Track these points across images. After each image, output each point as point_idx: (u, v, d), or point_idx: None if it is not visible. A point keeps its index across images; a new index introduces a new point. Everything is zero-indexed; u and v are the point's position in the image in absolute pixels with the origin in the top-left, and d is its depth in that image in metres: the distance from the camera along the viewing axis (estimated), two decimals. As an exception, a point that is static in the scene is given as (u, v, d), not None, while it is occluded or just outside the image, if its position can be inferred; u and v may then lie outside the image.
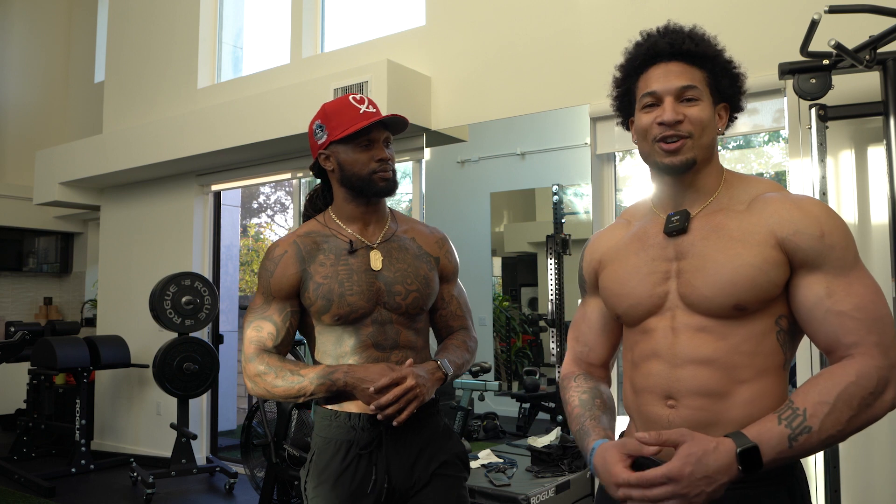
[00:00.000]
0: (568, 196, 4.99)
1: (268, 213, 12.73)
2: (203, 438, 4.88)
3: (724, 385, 1.09)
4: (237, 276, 5.80)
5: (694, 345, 1.11)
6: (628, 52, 1.24)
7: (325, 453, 1.51)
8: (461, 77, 3.66)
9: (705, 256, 1.11)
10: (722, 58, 1.19)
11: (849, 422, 1.00)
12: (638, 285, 1.17)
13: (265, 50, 5.15)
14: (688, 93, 1.14)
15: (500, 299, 5.43)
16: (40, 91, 6.98)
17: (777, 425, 1.01)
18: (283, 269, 1.52)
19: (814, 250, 1.06)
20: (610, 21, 3.17)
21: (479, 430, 4.18)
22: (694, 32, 1.20)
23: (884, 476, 2.43)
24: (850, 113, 2.40)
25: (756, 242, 1.09)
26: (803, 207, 1.09)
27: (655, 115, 1.14)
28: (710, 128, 1.15)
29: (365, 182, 1.52)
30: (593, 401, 1.26)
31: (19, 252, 6.79)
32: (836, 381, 1.01)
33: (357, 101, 1.54)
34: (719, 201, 1.16)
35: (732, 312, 1.09)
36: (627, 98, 1.23)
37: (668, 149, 1.13)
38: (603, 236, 1.32)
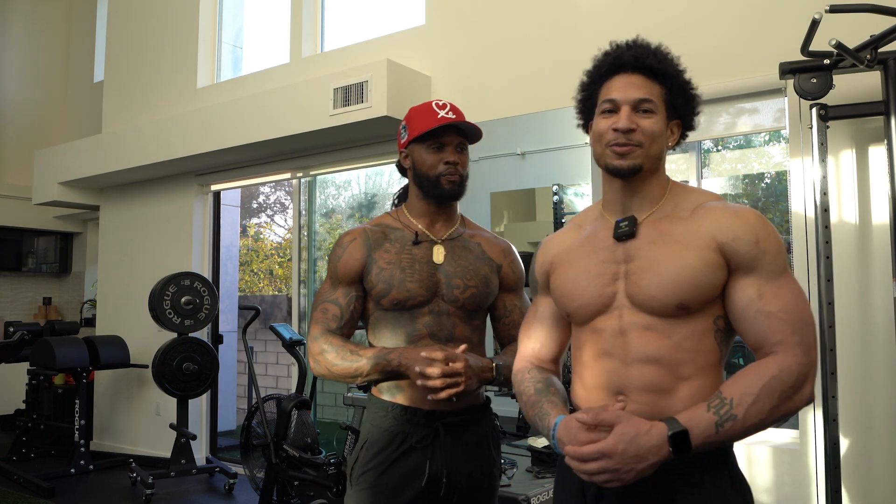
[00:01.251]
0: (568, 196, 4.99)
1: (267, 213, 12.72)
2: (203, 439, 4.87)
3: (669, 382, 1.18)
4: (237, 276, 5.79)
5: (642, 343, 1.20)
6: (596, 59, 1.31)
7: (378, 442, 1.55)
8: (461, 77, 3.65)
9: (652, 259, 1.20)
10: (681, 78, 1.28)
11: (770, 412, 1.10)
12: (588, 286, 1.26)
13: (265, 50, 5.15)
14: (644, 105, 1.22)
15: (499, 299, 5.42)
16: (40, 91, 6.97)
17: (706, 412, 1.10)
18: (351, 254, 1.60)
19: (749, 255, 1.17)
20: (610, 21, 3.17)
21: (478, 431, 4.17)
22: (658, 50, 1.27)
23: (884, 476, 2.43)
24: (850, 113, 2.40)
25: (698, 246, 1.18)
26: (741, 216, 1.19)
27: (612, 122, 1.23)
28: (659, 140, 1.24)
29: (432, 183, 1.60)
30: (548, 389, 1.33)
31: (18, 252, 6.79)
32: (761, 375, 1.11)
33: (439, 106, 1.61)
34: (664, 209, 1.26)
35: (676, 311, 1.18)
36: (590, 102, 1.31)
37: (618, 152, 1.22)
38: (555, 239, 1.41)
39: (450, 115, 1.60)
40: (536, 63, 3.37)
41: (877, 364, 2.46)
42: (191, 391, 4.38)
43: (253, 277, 10.94)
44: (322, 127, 3.75)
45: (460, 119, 1.61)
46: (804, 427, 2.58)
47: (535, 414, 1.29)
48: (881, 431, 2.44)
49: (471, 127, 1.62)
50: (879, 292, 2.46)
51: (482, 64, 3.57)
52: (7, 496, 4.10)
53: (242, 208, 6.03)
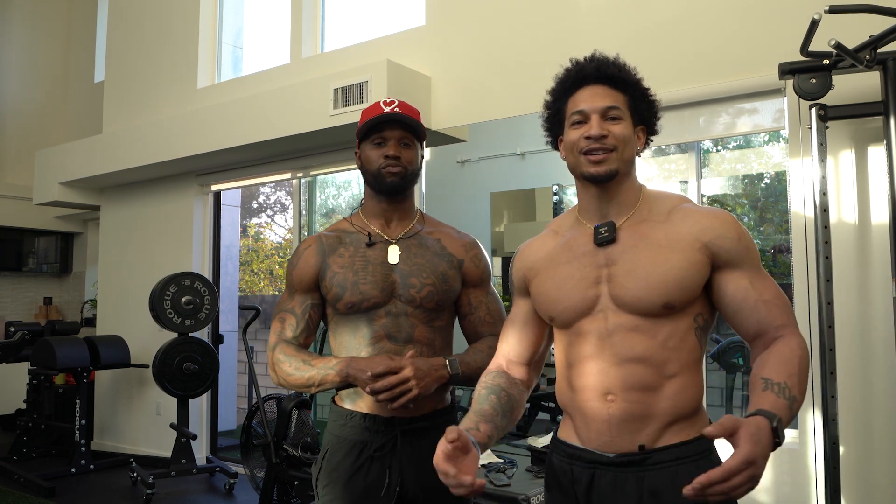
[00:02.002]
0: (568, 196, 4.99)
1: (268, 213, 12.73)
2: (203, 438, 4.88)
3: (655, 379, 1.23)
4: (237, 276, 5.80)
5: (629, 344, 1.24)
6: (558, 76, 1.37)
7: (338, 452, 1.53)
8: (461, 77, 3.66)
9: (635, 262, 1.25)
10: (641, 85, 1.33)
11: (804, 387, 1.16)
12: (571, 290, 1.29)
13: (265, 50, 5.15)
14: (612, 112, 1.28)
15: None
16: (40, 91, 6.97)
17: (777, 398, 1.12)
18: (305, 261, 1.60)
19: (735, 250, 1.24)
20: (610, 21, 3.17)
21: (479, 430, 4.17)
22: (617, 61, 1.33)
23: (883, 476, 2.44)
24: (850, 113, 2.40)
25: (682, 248, 1.24)
26: (719, 216, 1.27)
27: (583, 131, 1.27)
28: (630, 144, 1.29)
29: (375, 177, 1.58)
30: (488, 397, 1.36)
31: (19, 252, 6.79)
32: (791, 357, 1.17)
33: (385, 103, 1.59)
34: (640, 213, 1.31)
35: (661, 311, 1.23)
36: (557, 118, 1.36)
37: (593, 159, 1.26)
38: (532, 246, 1.44)
39: (396, 111, 1.58)
40: (536, 63, 3.38)
41: (876, 364, 2.46)
42: (191, 391, 4.39)
43: (253, 277, 10.95)
44: (322, 127, 3.75)
45: (408, 114, 1.59)
46: (804, 427, 2.59)
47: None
48: (880, 431, 2.44)
49: (414, 121, 1.59)
50: (879, 292, 2.46)
51: (482, 64, 3.57)
52: (8, 496, 4.11)
53: (243, 208, 6.04)
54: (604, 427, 1.25)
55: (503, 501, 2.49)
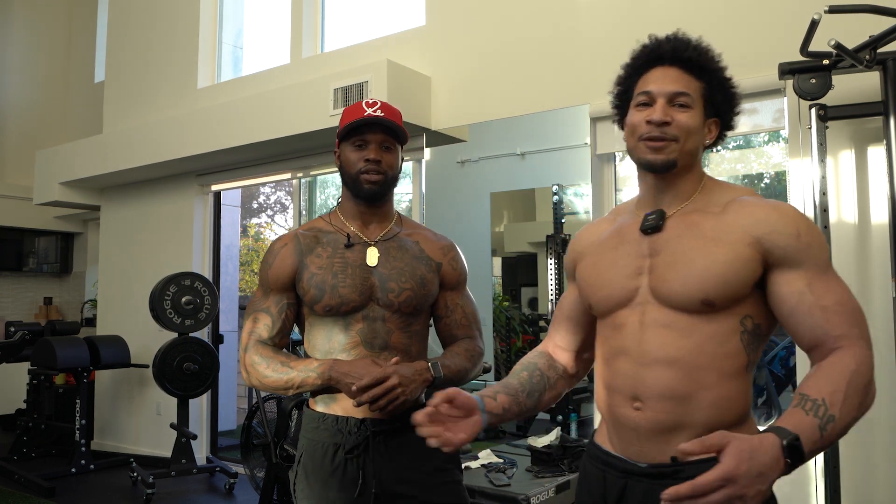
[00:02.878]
0: (568, 196, 5.00)
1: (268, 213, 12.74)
2: (203, 438, 4.88)
3: (687, 387, 1.13)
4: (237, 276, 5.80)
5: (660, 342, 1.15)
6: (634, 52, 1.27)
7: (314, 456, 1.52)
8: (461, 77, 3.66)
9: (678, 252, 1.16)
10: (721, 73, 1.23)
11: (858, 408, 1.05)
12: (612, 277, 1.23)
13: (265, 50, 5.15)
14: (680, 98, 1.18)
15: (500, 299, 5.43)
16: (40, 91, 6.98)
17: (806, 416, 1.01)
18: (281, 261, 1.56)
19: (791, 248, 1.11)
20: (610, 21, 3.17)
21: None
22: (698, 44, 1.23)
23: (884, 476, 2.44)
24: (850, 113, 2.40)
25: (729, 241, 1.13)
26: (779, 209, 1.15)
27: (646, 114, 1.19)
28: (695, 136, 1.20)
29: (353, 181, 1.56)
30: (520, 373, 1.33)
31: (19, 252, 6.79)
32: (842, 371, 1.06)
33: (368, 104, 1.55)
34: (695, 203, 1.22)
35: (700, 307, 1.13)
36: (626, 96, 1.27)
37: (651, 146, 1.18)
38: (587, 230, 1.39)
39: (378, 114, 1.54)
40: (536, 63, 3.38)
41: (877, 364, 2.45)
42: (191, 391, 4.39)
43: (253, 277, 10.95)
44: (322, 127, 3.75)
45: (389, 117, 1.55)
46: (803, 427, 2.58)
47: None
48: (881, 431, 2.44)
49: (396, 125, 1.56)
50: (879, 292, 2.46)
51: (482, 64, 3.57)
52: (8, 496, 4.11)
53: (243, 208, 6.04)
54: (632, 435, 1.18)
55: (503, 501, 2.49)
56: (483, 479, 2.70)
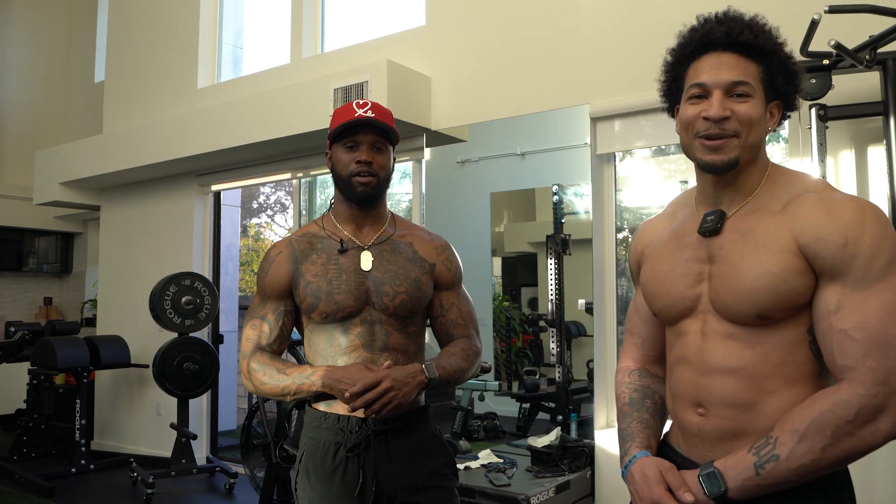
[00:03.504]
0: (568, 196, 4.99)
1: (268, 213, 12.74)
2: (203, 438, 4.88)
3: (751, 395, 1.06)
4: (237, 276, 5.80)
5: (721, 352, 1.09)
6: (682, 36, 1.15)
7: (315, 454, 1.53)
8: (461, 77, 3.66)
9: (731, 262, 1.08)
10: (781, 53, 1.11)
11: (823, 451, 0.97)
12: (672, 286, 1.16)
13: (265, 50, 5.15)
14: (739, 88, 1.07)
15: (500, 299, 5.43)
16: (40, 91, 6.97)
17: (746, 454, 1.02)
18: (277, 268, 1.56)
19: (834, 258, 1.00)
20: (610, 21, 3.17)
21: (479, 430, 4.18)
22: (754, 22, 1.11)
23: (884, 476, 2.43)
24: (850, 113, 2.40)
25: (779, 249, 1.04)
26: (833, 211, 1.02)
27: (701, 109, 1.08)
28: (758, 127, 1.08)
29: (345, 183, 1.55)
30: (643, 401, 1.24)
31: (19, 252, 6.79)
32: (812, 410, 0.99)
33: (359, 105, 1.55)
34: (757, 200, 1.11)
35: (756, 321, 1.06)
36: (675, 84, 1.16)
37: (710, 146, 1.08)
38: (648, 227, 1.30)
39: (368, 114, 1.53)
40: (536, 63, 3.38)
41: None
42: (191, 391, 4.39)
43: (253, 277, 10.93)
44: (322, 127, 3.75)
45: (380, 118, 1.54)
46: (803, 427, 2.58)
47: (622, 429, 1.22)
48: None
49: (387, 126, 1.55)
50: (878, 292, 2.46)
51: (482, 64, 3.57)
52: (8, 496, 4.11)
53: (243, 208, 6.05)
54: (697, 441, 1.14)
55: (503, 501, 2.50)
56: (483, 479, 2.70)
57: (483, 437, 4.18)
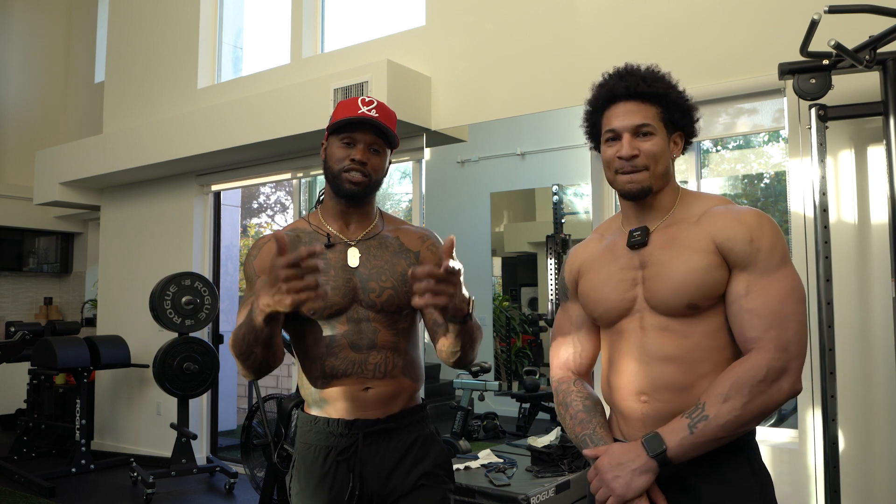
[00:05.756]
0: (568, 196, 5.00)
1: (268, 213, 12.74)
2: (203, 438, 4.88)
3: (688, 379, 1.26)
4: (237, 276, 5.80)
5: (660, 343, 1.29)
6: (593, 90, 1.39)
7: (306, 459, 1.49)
8: (461, 77, 3.66)
9: (663, 264, 1.29)
10: (674, 94, 1.34)
11: (743, 407, 1.18)
12: (611, 292, 1.35)
13: (265, 50, 5.15)
14: (643, 129, 1.30)
15: (500, 299, 5.43)
16: (40, 91, 6.98)
17: (681, 419, 1.22)
18: (266, 254, 1.50)
19: (744, 252, 1.24)
20: (609, 21, 3.17)
21: (479, 430, 4.18)
22: (648, 73, 1.34)
23: (883, 476, 2.44)
24: (849, 113, 2.40)
25: (701, 249, 1.26)
26: (738, 217, 1.27)
27: (616, 150, 1.31)
28: (663, 158, 1.32)
29: (335, 178, 1.51)
30: (596, 407, 1.40)
31: (19, 252, 6.80)
32: (731, 375, 1.20)
33: (364, 102, 1.51)
34: (674, 216, 1.34)
35: (687, 311, 1.26)
36: (594, 129, 1.41)
37: (626, 179, 1.31)
38: (580, 248, 1.49)
39: (372, 113, 1.49)
40: (536, 63, 3.38)
41: (876, 364, 2.46)
42: (191, 391, 4.39)
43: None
44: (322, 127, 3.75)
45: (383, 120, 1.49)
46: (803, 426, 2.59)
47: (586, 434, 1.35)
48: (880, 431, 2.44)
49: (388, 129, 1.50)
50: (878, 292, 2.46)
51: (482, 64, 3.58)
52: (8, 495, 4.11)
53: (243, 208, 6.05)
54: (639, 425, 1.30)
55: (503, 501, 2.50)
56: (483, 479, 2.70)
57: (483, 437, 4.18)
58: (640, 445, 1.23)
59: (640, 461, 1.22)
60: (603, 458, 1.27)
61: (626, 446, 1.25)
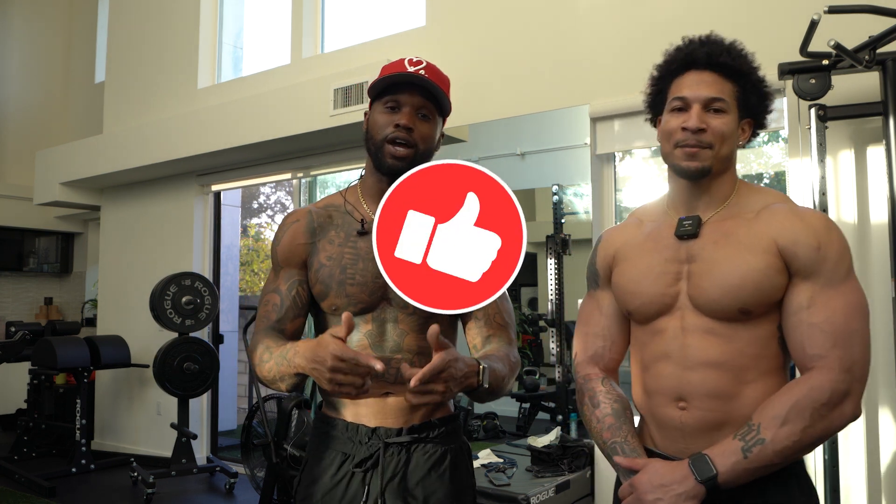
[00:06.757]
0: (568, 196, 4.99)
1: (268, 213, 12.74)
2: (203, 438, 4.88)
3: (732, 386, 1.16)
4: (237, 276, 5.80)
5: (703, 347, 1.17)
6: (668, 53, 1.27)
7: (318, 464, 1.34)
8: (461, 77, 3.64)
9: (714, 261, 1.17)
10: (755, 76, 1.23)
11: (803, 432, 1.07)
12: (650, 285, 1.23)
13: (265, 50, 5.15)
14: (715, 104, 1.19)
15: (500, 299, 5.43)
16: (40, 91, 6.98)
17: (733, 440, 1.10)
18: (292, 237, 1.36)
19: (809, 259, 1.13)
20: (610, 21, 3.17)
21: (479, 430, 4.18)
22: (733, 47, 1.23)
23: (884, 476, 2.44)
24: (849, 113, 2.40)
25: (761, 249, 1.15)
26: (805, 219, 1.16)
27: (682, 120, 1.19)
28: (730, 140, 1.20)
29: (378, 151, 1.31)
30: (625, 413, 1.28)
31: (20, 252, 6.80)
32: (790, 396, 1.09)
33: (412, 62, 1.33)
34: (730, 208, 1.22)
35: (738, 315, 1.15)
36: (660, 97, 1.27)
37: (687, 153, 1.18)
38: (616, 232, 1.36)
39: (420, 73, 1.30)
40: (536, 63, 3.38)
41: (876, 364, 2.46)
42: (191, 391, 4.39)
43: (253, 277, 10.95)
44: (322, 127, 3.75)
45: (434, 80, 1.30)
46: (803, 427, 2.59)
47: (616, 442, 1.23)
48: (881, 431, 2.44)
49: (439, 90, 1.30)
50: (878, 292, 2.46)
51: (482, 64, 3.57)
52: (8, 495, 4.11)
53: (243, 208, 6.05)
54: (676, 434, 1.20)
55: (503, 501, 2.50)
56: (483, 479, 2.70)
57: (483, 436, 4.18)
58: (687, 467, 1.10)
59: (686, 485, 1.09)
60: (643, 476, 1.14)
61: (671, 466, 1.13)
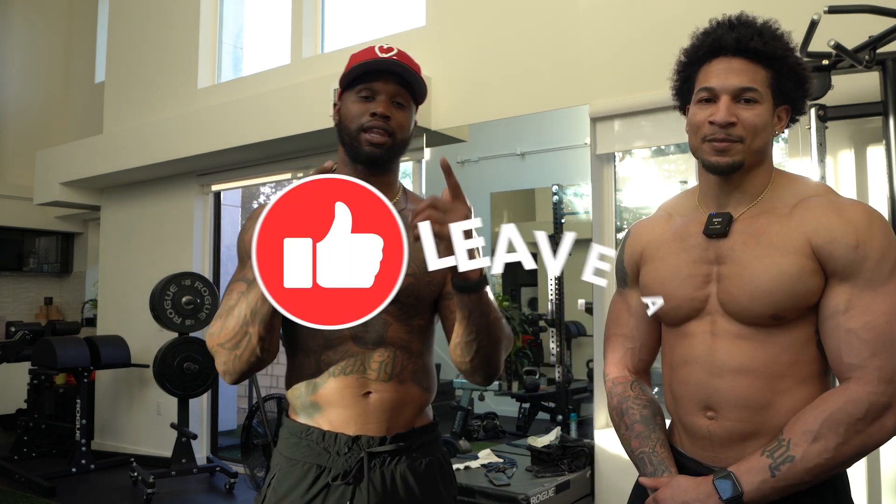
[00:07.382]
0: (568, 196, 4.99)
1: (268, 213, 12.72)
2: (203, 438, 4.88)
3: (764, 395, 1.07)
4: (237, 276, 5.80)
5: (732, 353, 1.09)
6: (694, 38, 1.18)
7: (288, 478, 1.23)
8: (461, 77, 3.66)
9: (744, 263, 1.08)
10: (791, 58, 1.12)
11: (837, 449, 0.99)
12: (679, 287, 1.15)
13: (265, 50, 5.15)
14: (746, 94, 1.08)
15: (500, 299, 5.43)
16: (40, 91, 6.98)
17: (760, 457, 1.03)
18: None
19: (846, 259, 1.03)
20: (610, 21, 3.17)
21: (479, 430, 4.19)
22: (766, 28, 1.13)
23: (884, 476, 2.44)
24: (849, 113, 2.40)
25: (793, 250, 1.05)
26: (844, 214, 1.05)
27: (709, 113, 1.09)
28: (764, 132, 1.09)
29: (353, 141, 1.25)
30: (655, 418, 1.21)
31: (20, 252, 6.80)
32: (823, 409, 1.01)
33: (382, 49, 1.26)
34: (763, 204, 1.12)
35: (770, 321, 1.07)
36: (686, 85, 1.18)
37: (716, 148, 1.08)
38: (644, 227, 1.28)
39: (392, 59, 1.24)
40: (536, 63, 3.38)
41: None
42: (191, 391, 4.39)
43: (253, 277, 10.94)
44: (322, 127, 3.75)
45: (405, 63, 1.24)
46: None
47: (645, 452, 1.17)
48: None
49: (414, 75, 1.25)
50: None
51: (482, 64, 3.57)
52: (9, 495, 4.11)
53: (243, 208, 6.05)
54: (706, 443, 1.13)
55: (503, 501, 2.50)
56: (483, 478, 2.70)
57: (483, 436, 4.18)
58: (711, 485, 1.04)
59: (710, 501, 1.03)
60: (665, 492, 1.07)
61: (694, 482, 1.06)
